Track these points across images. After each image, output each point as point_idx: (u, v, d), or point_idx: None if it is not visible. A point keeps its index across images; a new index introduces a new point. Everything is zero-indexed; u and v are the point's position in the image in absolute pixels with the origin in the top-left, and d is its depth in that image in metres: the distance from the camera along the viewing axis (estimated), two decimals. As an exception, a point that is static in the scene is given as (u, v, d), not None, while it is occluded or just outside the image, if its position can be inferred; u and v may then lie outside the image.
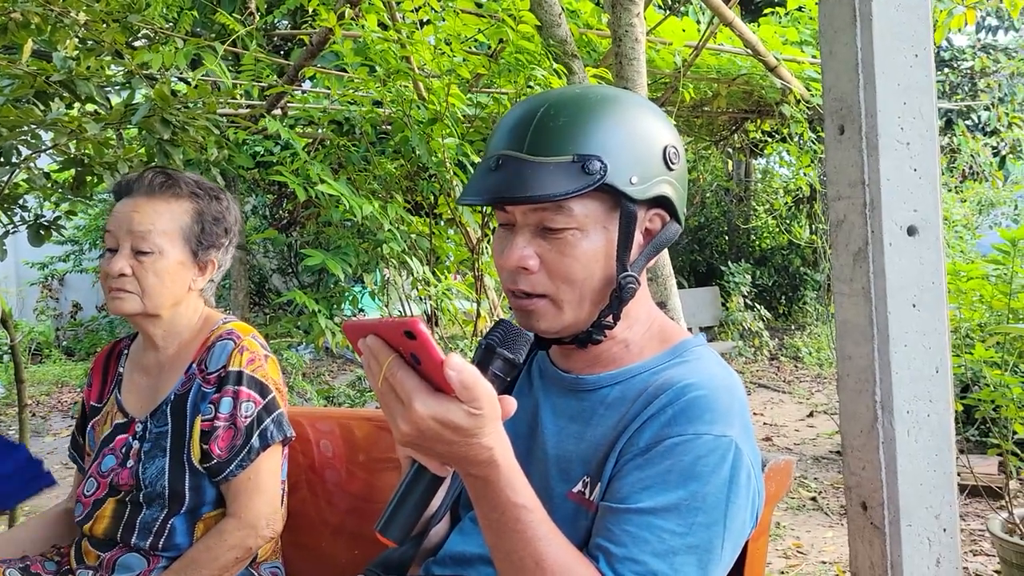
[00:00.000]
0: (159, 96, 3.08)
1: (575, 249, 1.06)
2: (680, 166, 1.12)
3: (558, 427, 1.15)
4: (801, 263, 10.49)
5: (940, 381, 1.29)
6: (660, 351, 1.15)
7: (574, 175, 1.02)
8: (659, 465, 1.01)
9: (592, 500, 1.07)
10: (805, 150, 6.00)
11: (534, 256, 1.07)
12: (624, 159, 1.04)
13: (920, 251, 1.27)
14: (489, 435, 0.88)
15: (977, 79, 8.47)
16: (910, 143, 1.27)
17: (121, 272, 1.60)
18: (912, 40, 1.27)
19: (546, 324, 1.10)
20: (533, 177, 1.02)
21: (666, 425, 1.02)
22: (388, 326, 0.87)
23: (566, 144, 1.03)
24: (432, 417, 0.85)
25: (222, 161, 3.51)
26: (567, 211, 1.04)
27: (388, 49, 3.31)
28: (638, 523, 0.99)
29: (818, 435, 5.77)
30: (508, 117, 1.12)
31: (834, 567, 3.54)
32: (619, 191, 1.04)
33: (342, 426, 1.87)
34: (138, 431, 1.66)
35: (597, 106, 1.07)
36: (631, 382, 1.11)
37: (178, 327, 1.70)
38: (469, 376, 0.84)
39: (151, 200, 1.64)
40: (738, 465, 1.02)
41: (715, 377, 1.07)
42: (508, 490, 0.93)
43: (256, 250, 9.79)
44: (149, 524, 1.61)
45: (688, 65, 4.87)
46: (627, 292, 1.08)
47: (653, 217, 1.12)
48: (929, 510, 1.29)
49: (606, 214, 1.07)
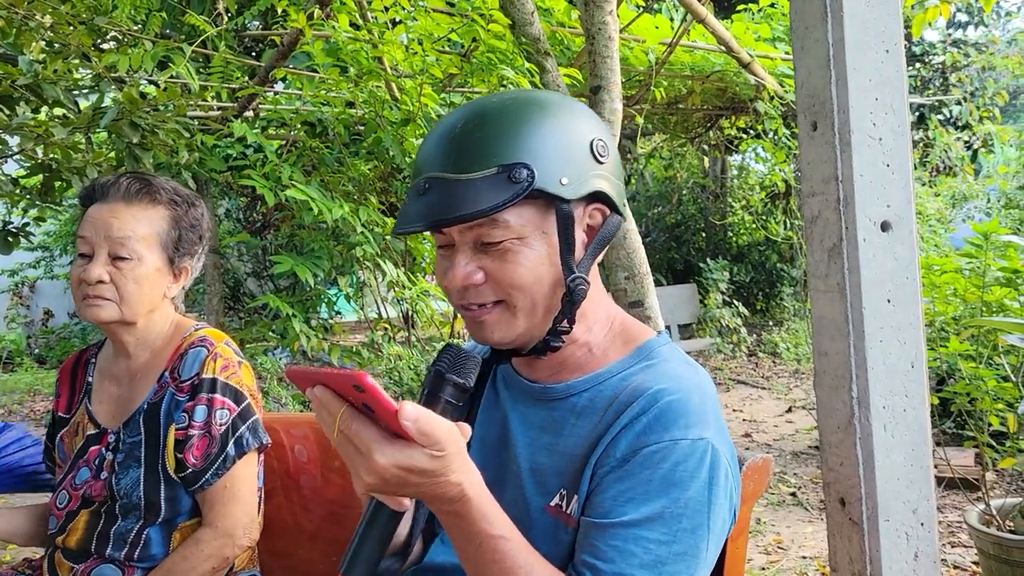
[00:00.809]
0: (128, 99, 3.04)
1: (518, 256, 1.04)
2: (610, 158, 1.10)
3: (529, 438, 1.14)
4: (778, 259, 10.54)
5: (916, 376, 1.29)
6: (625, 353, 1.13)
7: (501, 186, 1.00)
8: (638, 476, 1.00)
9: (570, 514, 1.05)
10: (780, 146, 6.03)
11: (478, 271, 1.05)
12: (551, 161, 1.02)
13: (894, 246, 1.27)
14: (456, 471, 0.87)
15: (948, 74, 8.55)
16: (882, 139, 1.27)
17: (99, 279, 1.57)
18: (883, 36, 1.27)
19: (500, 334, 1.08)
20: (461, 195, 1.00)
21: (641, 434, 1.01)
22: (335, 378, 0.85)
23: (489, 156, 1.01)
24: (395, 465, 0.84)
25: (193, 164, 3.47)
26: (502, 223, 1.02)
27: (360, 49, 3.29)
28: (623, 536, 0.98)
29: (797, 431, 5.80)
30: (431, 135, 1.10)
31: (815, 562, 3.56)
32: (551, 194, 1.02)
33: (317, 431, 1.85)
34: (111, 442, 1.63)
35: (516, 112, 1.05)
36: (600, 388, 1.10)
37: (151, 335, 1.67)
38: (426, 423, 0.83)
39: (129, 206, 1.61)
40: (716, 466, 1.01)
41: (684, 379, 1.06)
42: (483, 522, 0.92)
43: (230, 254, 9.70)
44: (124, 535, 1.58)
45: (662, 63, 4.88)
46: (578, 294, 1.07)
47: (592, 213, 1.10)
48: (906, 505, 1.29)
49: (542, 219, 1.05)
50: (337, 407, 0.85)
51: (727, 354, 8.89)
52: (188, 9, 4.25)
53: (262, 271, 10.03)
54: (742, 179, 11.44)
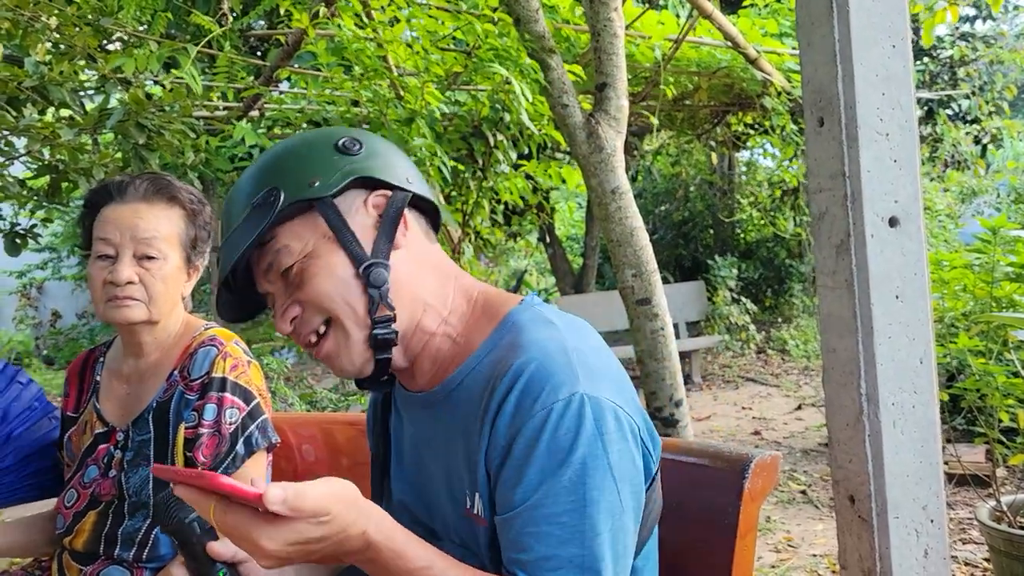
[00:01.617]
0: (134, 100, 3.05)
1: (314, 271, 1.05)
2: (366, 148, 1.11)
3: (432, 450, 1.13)
4: (787, 255, 10.50)
5: (924, 372, 1.28)
6: (488, 333, 1.10)
7: (257, 217, 1.04)
8: (527, 456, 0.97)
9: (477, 514, 1.04)
10: (788, 142, 6.01)
11: (293, 305, 1.08)
12: (295, 174, 1.06)
13: (902, 242, 1.26)
14: (352, 523, 0.87)
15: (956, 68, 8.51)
16: (889, 134, 1.26)
17: (129, 280, 1.57)
18: (889, 30, 1.26)
19: (346, 358, 1.08)
20: (235, 244, 1.05)
21: (515, 415, 0.98)
22: (193, 478, 0.85)
23: (245, 200, 1.08)
24: (286, 543, 0.83)
25: (199, 165, 3.47)
26: (285, 250, 1.06)
27: (363, 48, 3.29)
28: (534, 520, 0.96)
29: (807, 428, 5.78)
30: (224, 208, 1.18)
31: (825, 560, 3.54)
32: (306, 200, 1.05)
33: (324, 431, 1.85)
34: (119, 440, 1.63)
35: (261, 159, 1.12)
36: (473, 376, 1.07)
37: (165, 334, 1.68)
38: (295, 500, 0.82)
39: (151, 206, 1.62)
40: (599, 413, 0.98)
41: (542, 341, 1.02)
42: (399, 560, 0.92)
43: (239, 254, 9.71)
44: (132, 535, 1.58)
45: (668, 59, 4.87)
46: (376, 278, 1.05)
47: (375, 200, 1.09)
48: (916, 502, 1.28)
49: (316, 228, 1.07)
50: (206, 504, 0.85)
51: (736, 351, 8.87)
52: (193, 9, 4.25)
53: (270, 271, 10.04)
54: (750, 175, 11.40)
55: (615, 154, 3.20)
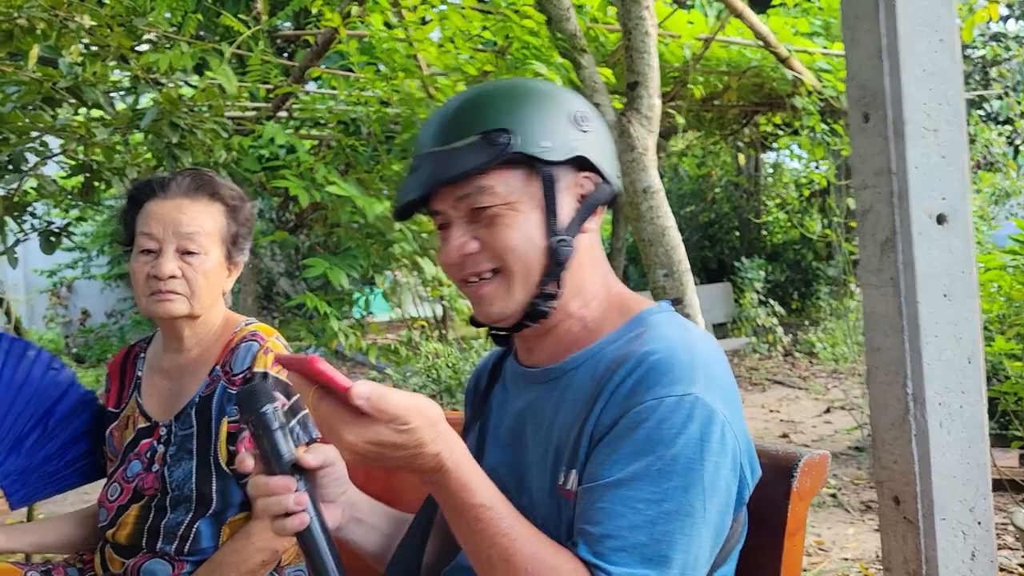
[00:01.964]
0: (167, 100, 3.07)
1: (509, 221, 1.07)
2: (594, 129, 1.13)
3: (536, 425, 1.14)
4: (814, 257, 10.42)
5: (972, 372, 1.26)
6: (619, 324, 1.13)
7: (483, 150, 1.05)
8: (626, 438, 0.98)
9: (570, 489, 1.05)
10: (817, 142, 5.95)
11: (471, 240, 1.09)
12: (531, 126, 1.07)
13: (950, 240, 1.24)
14: (431, 442, 0.89)
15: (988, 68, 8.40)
16: (937, 130, 1.24)
17: (172, 274, 1.60)
18: (937, 25, 1.24)
19: (500, 306, 1.09)
20: (446, 163, 1.06)
21: (626, 397, 1.00)
22: (297, 362, 0.88)
23: (472, 126, 1.07)
24: (364, 441, 0.86)
25: (231, 163, 3.50)
26: (489, 190, 1.06)
27: (394, 47, 3.29)
28: (610, 497, 0.96)
29: (836, 431, 5.73)
30: (425, 124, 1.16)
31: (857, 564, 3.50)
32: (532, 156, 1.06)
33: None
34: (162, 435, 1.65)
35: (500, 90, 1.13)
36: (595, 360, 1.09)
37: (207, 328, 1.71)
38: (379, 399, 0.85)
39: (194, 201, 1.65)
40: (708, 421, 0.98)
41: (672, 339, 1.04)
42: (463, 492, 0.93)
43: (263, 253, 9.78)
44: (174, 528, 1.60)
45: (698, 58, 4.84)
46: (561, 254, 1.08)
47: (583, 181, 1.12)
48: (963, 503, 1.26)
49: (528, 184, 1.08)
50: (306, 391, 0.88)
51: (763, 354, 8.80)
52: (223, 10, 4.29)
53: (295, 271, 10.10)
54: (776, 177, 11.32)
55: (647, 153, 3.19)
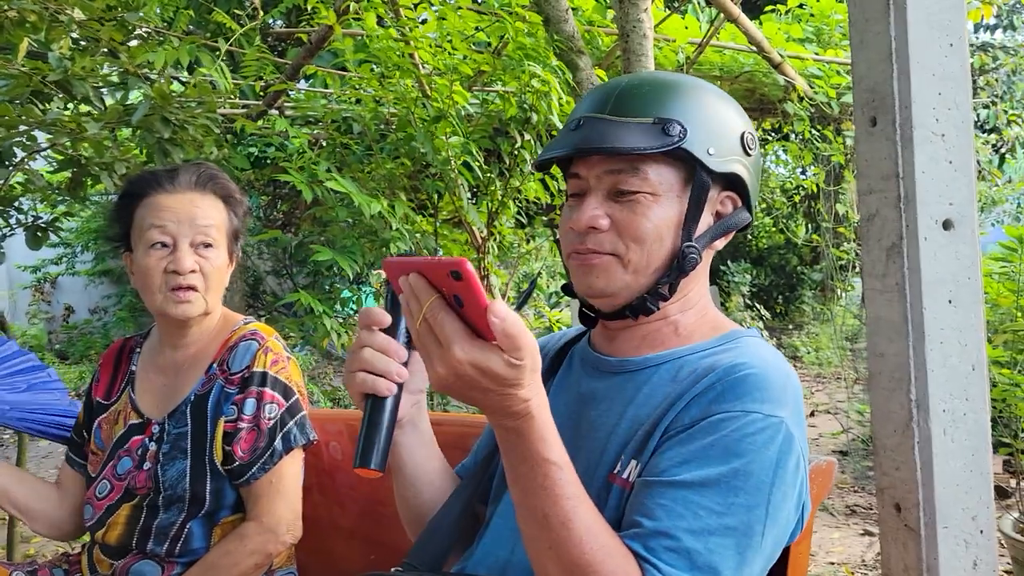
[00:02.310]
0: (159, 95, 3.04)
1: (647, 211, 1.06)
2: (756, 156, 1.14)
3: (600, 411, 1.12)
4: (799, 262, 10.47)
5: (976, 379, 1.25)
6: (711, 337, 1.13)
7: (654, 135, 1.04)
8: (702, 440, 0.97)
9: (627, 479, 1.03)
10: (806, 148, 5.97)
11: (605, 216, 1.07)
12: (703, 129, 1.07)
13: (956, 245, 1.24)
14: (527, 386, 0.86)
15: (976, 77, 8.47)
16: (945, 135, 1.23)
17: (192, 269, 1.57)
18: (947, 28, 1.23)
19: (604, 282, 1.08)
20: (613, 133, 1.05)
21: (713, 402, 0.99)
22: (434, 265, 0.85)
23: (648, 108, 1.06)
24: (471, 363, 0.83)
25: (222, 160, 3.47)
26: (642, 174, 1.06)
27: (389, 46, 3.27)
28: (673, 497, 0.95)
29: (820, 435, 5.74)
30: (592, 90, 1.15)
31: (843, 568, 3.51)
32: (696, 159, 1.05)
33: (350, 428, 1.83)
34: (155, 432, 1.62)
35: (680, 82, 1.12)
36: (679, 363, 1.09)
37: (208, 326, 1.68)
38: (512, 325, 0.82)
39: (204, 195, 1.63)
40: (787, 449, 0.98)
41: (767, 360, 1.04)
42: (540, 444, 0.90)
43: (250, 252, 9.72)
44: (166, 529, 1.57)
45: (692, 62, 4.85)
46: (688, 263, 1.08)
47: (725, 200, 1.13)
48: (966, 511, 1.25)
49: (680, 183, 1.08)
50: (428, 296, 0.85)
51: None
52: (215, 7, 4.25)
53: (282, 269, 10.04)
54: (763, 182, 11.36)
55: (640, 156, 3.18)
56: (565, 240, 1.13)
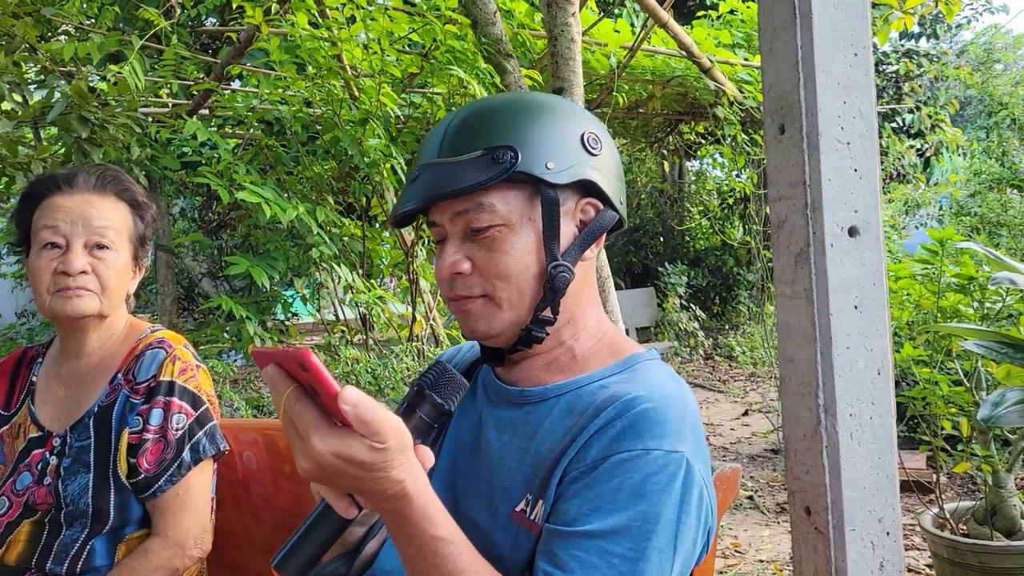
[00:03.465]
0: (76, 92, 2.95)
1: (504, 244, 1.04)
2: (604, 153, 1.11)
3: (501, 443, 1.10)
4: (734, 264, 10.65)
5: (882, 383, 1.27)
6: (609, 363, 1.11)
7: (485, 166, 1.02)
8: (607, 484, 0.96)
9: (535, 520, 1.02)
10: (738, 152, 6.08)
11: (465, 260, 1.06)
12: (537, 146, 1.04)
13: (861, 252, 1.25)
14: (398, 467, 0.84)
15: (902, 83, 8.71)
16: (850, 143, 1.25)
17: (83, 270, 1.51)
18: (851, 39, 1.25)
19: (485, 325, 1.07)
20: (447, 176, 1.03)
21: (614, 440, 0.98)
22: (285, 356, 0.82)
23: (476, 141, 1.04)
24: (332, 452, 0.80)
25: (145, 160, 3.38)
26: (489, 207, 1.04)
27: (318, 47, 3.23)
28: (586, 547, 0.94)
29: (753, 434, 5.84)
30: (429, 134, 1.13)
31: (771, 566, 3.57)
32: (536, 177, 1.03)
33: (265, 437, 1.79)
34: (56, 446, 1.55)
35: (509, 105, 1.10)
36: (577, 393, 1.07)
37: (109, 333, 1.62)
38: (365, 410, 0.79)
39: (103, 197, 1.57)
40: (689, 483, 0.98)
41: (667, 389, 1.03)
42: (424, 523, 0.88)
43: (184, 253, 9.51)
44: (67, 546, 1.50)
45: (623, 66, 4.88)
46: (560, 281, 1.06)
47: (584, 207, 1.10)
48: (872, 514, 1.27)
49: (529, 205, 1.05)
50: (285, 387, 0.83)
51: (684, 357, 8.95)
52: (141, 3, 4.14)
53: (217, 271, 9.85)
54: (700, 184, 11.53)
55: (570, 159, 3.18)
56: (440, 286, 1.12)
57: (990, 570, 2.74)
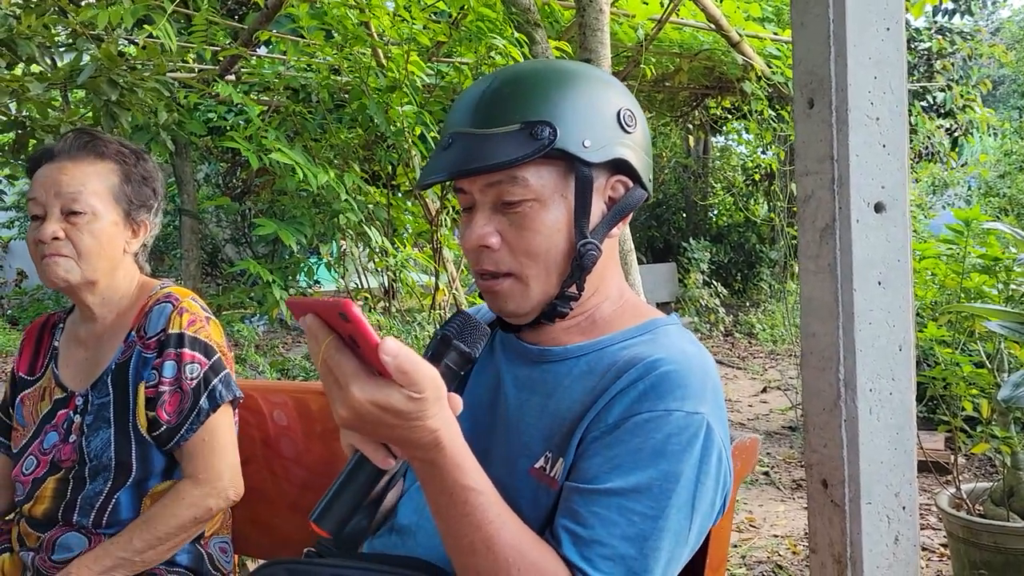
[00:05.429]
0: (106, 56, 2.97)
1: (534, 222, 1.04)
2: (638, 130, 1.10)
3: (520, 400, 1.12)
4: (757, 240, 10.59)
5: (903, 359, 1.28)
6: (630, 325, 1.12)
7: (523, 142, 1.01)
8: (628, 443, 0.98)
9: (554, 477, 1.04)
10: (765, 128, 6.02)
11: (494, 233, 1.06)
12: (575, 123, 1.03)
13: (887, 228, 1.26)
14: (433, 417, 0.85)
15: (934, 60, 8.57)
16: (880, 118, 1.25)
17: (54, 236, 1.53)
18: (884, 13, 1.25)
19: (514, 304, 1.08)
20: (482, 148, 1.02)
21: (636, 401, 0.99)
22: (325, 306, 0.84)
23: (513, 113, 1.03)
24: (370, 401, 0.82)
25: (172, 126, 3.40)
26: (522, 182, 1.03)
27: (346, 14, 3.23)
28: (606, 504, 0.96)
29: (771, 411, 5.84)
30: (460, 97, 1.11)
31: (786, 540, 3.59)
32: (571, 155, 1.03)
33: (295, 399, 1.83)
34: (79, 404, 1.60)
35: (544, 76, 1.08)
36: (599, 355, 1.09)
37: (115, 294, 1.64)
38: (405, 360, 0.81)
39: (76, 162, 1.58)
40: (709, 445, 0.99)
41: (687, 354, 1.05)
42: (456, 472, 0.90)
43: (208, 219, 9.58)
44: (92, 499, 1.54)
45: (651, 39, 4.84)
46: (588, 259, 1.07)
47: (615, 184, 1.10)
48: (889, 488, 1.28)
49: (562, 182, 1.05)
50: (324, 337, 0.84)
51: (704, 333, 8.93)
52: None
53: (241, 237, 9.93)
54: (724, 160, 11.44)
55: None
56: (467, 257, 1.11)
57: (1005, 551, 2.74)
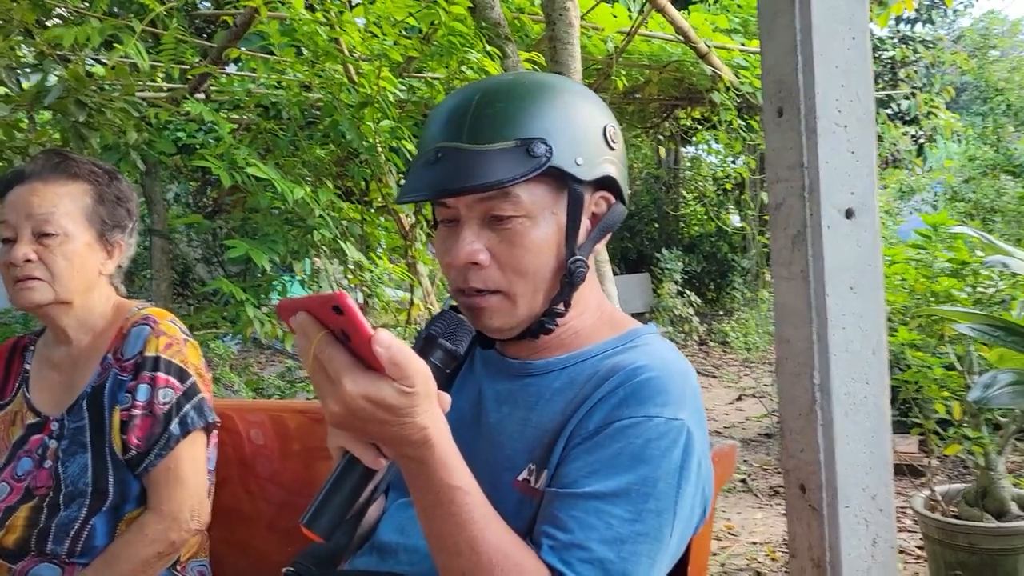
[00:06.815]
0: (73, 76, 2.94)
1: (525, 239, 1.03)
2: (620, 146, 1.11)
3: (502, 414, 1.12)
4: (729, 249, 10.67)
5: (876, 363, 1.30)
6: (609, 336, 1.13)
7: (519, 159, 0.99)
8: (608, 448, 0.98)
9: (538, 488, 1.04)
10: (734, 137, 6.09)
11: (484, 250, 1.04)
12: (567, 140, 1.03)
13: (858, 233, 1.27)
14: (423, 414, 0.85)
15: (897, 69, 8.72)
16: (848, 126, 1.27)
17: (26, 258, 1.51)
18: (850, 22, 1.27)
19: (500, 322, 1.07)
20: (477, 165, 0.99)
21: (616, 407, 1.00)
22: (317, 301, 0.84)
23: (507, 129, 1.01)
24: (362, 396, 0.82)
25: (142, 145, 3.37)
26: (514, 199, 1.01)
27: (316, 31, 3.22)
28: (585, 508, 0.96)
29: (747, 418, 5.88)
30: (441, 108, 1.09)
31: (765, 547, 3.61)
32: (566, 173, 1.02)
33: (272, 417, 1.82)
34: (54, 430, 1.57)
35: (533, 90, 1.06)
36: (580, 367, 1.09)
37: (91, 316, 1.62)
38: (398, 353, 0.81)
39: (48, 183, 1.56)
40: (689, 450, 1.00)
41: (667, 361, 1.05)
42: (443, 471, 0.89)
43: (179, 239, 9.50)
44: (66, 526, 1.51)
45: (620, 51, 4.88)
46: (577, 276, 1.06)
47: (599, 200, 1.10)
48: (866, 491, 1.29)
49: (553, 199, 1.04)
50: (316, 333, 0.83)
51: (679, 342, 8.97)
52: (137, -14, 4.13)
53: (212, 256, 9.85)
54: (695, 170, 11.54)
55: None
56: (447, 272, 1.09)
57: (980, 551, 2.78)
